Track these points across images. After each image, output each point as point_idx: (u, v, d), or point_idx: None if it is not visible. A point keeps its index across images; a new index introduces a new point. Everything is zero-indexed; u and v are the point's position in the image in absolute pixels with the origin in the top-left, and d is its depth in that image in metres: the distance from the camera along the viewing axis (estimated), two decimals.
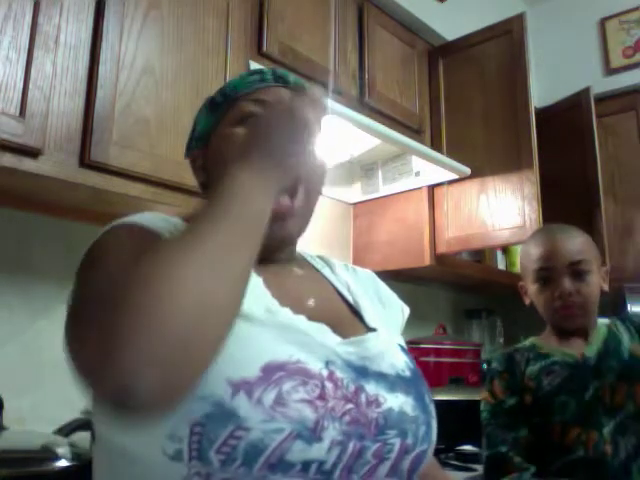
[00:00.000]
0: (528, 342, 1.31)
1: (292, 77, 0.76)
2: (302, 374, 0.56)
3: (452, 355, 2.23)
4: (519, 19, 2.08)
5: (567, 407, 1.17)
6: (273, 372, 0.55)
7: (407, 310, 0.86)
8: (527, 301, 1.30)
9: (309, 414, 0.54)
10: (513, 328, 2.69)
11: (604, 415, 1.15)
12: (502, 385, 1.24)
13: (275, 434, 0.52)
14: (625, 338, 1.22)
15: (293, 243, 0.75)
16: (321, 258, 0.83)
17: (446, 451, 1.66)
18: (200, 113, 0.79)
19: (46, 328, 1.34)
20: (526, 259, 1.28)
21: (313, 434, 0.54)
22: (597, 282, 1.23)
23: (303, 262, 0.80)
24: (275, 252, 0.73)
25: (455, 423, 1.45)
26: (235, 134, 0.70)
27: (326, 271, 0.80)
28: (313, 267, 0.80)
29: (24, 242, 1.39)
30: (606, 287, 1.26)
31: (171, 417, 0.53)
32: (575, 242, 1.22)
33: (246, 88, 0.73)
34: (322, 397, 0.56)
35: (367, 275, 0.86)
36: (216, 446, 0.51)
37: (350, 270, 0.84)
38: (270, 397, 0.53)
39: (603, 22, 2.86)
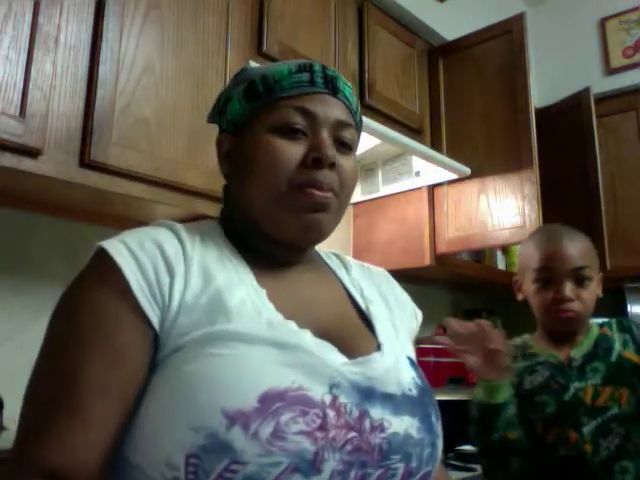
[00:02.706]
0: (521, 339, 1.32)
1: (341, 81, 0.71)
2: (302, 403, 0.54)
3: (452, 355, 2.23)
4: (519, 19, 2.08)
5: (546, 406, 1.19)
6: (271, 402, 0.52)
7: (420, 314, 0.84)
8: (520, 297, 1.30)
9: (308, 446, 0.52)
10: (513, 328, 2.68)
11: (584, 415, 1.16)
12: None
13: (272, 468, 0.50)
14: (617, 343, 1.22)
15: (321, 240, 0.72)
16: (337, 257, 0.81)
17: (446, 451, 1.66)
18: (235, 88, 0.72)
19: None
20: (527, 257, 1.27)
21: (312, 467, 0.52)
22: (595, 289, 1.23)
23: (318, 262, 0.77)
24: (298, 254, 0.72)
25: (455, 423, 1.45)
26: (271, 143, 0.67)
27: (341, 273, 0.78)
28: (328, 267, 0.78)
29: (24, 242, 1.39)
30: (600, 293, 1.26)
31: (166, 445, 0.52)
32: (580, 247, 1.21)
33: (293, 89, 0.67)
34: (323, 427, 0.54)
35: (381, 275, 0.84)
36: (212, 478, 0.50)
37: (365, 270, 0.82)
38: (267, 430, 0.51)
39: (603, 22, 2.86)
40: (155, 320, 0.58)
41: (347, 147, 0.71)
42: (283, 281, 0.68)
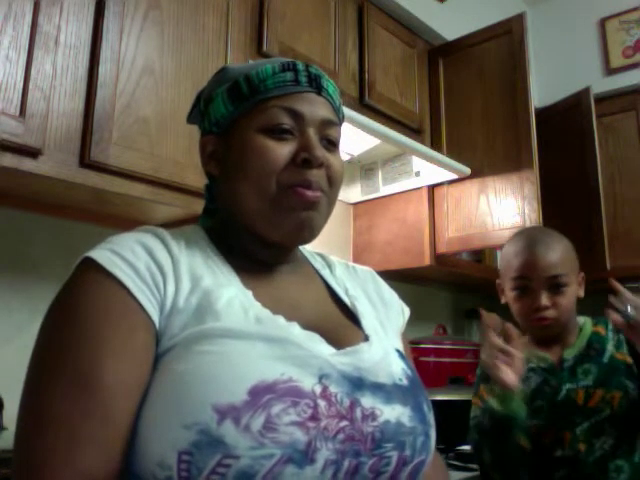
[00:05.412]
0: None
1: (325, 79, 0.71)
2: (293, 394, 0.54)
3: (452, 355, 2.23)
4: (519, 19, 2.08)
5: (541, 411, 1.20)
6: (261, 395, 0.52)
7: (407, 311, 0.84)
8: (503, 300, 1.31)
9: (300, 437, 0.52)
10: None
11: (577, 416, 1.17)
12: (487, 388, 1.25)
13: (265, 460, 0.50)
14: (610, 343, 1.22)
15: (312, 240, 0.71)
16: (321, 257, 0.82)
17: (446, 451, 1.66)
18: (217, 88, 0.72)
19: None
20: (505, 264, 1.28)
21: (305, 457, 0.52)
22: (574, 292, 1.23)
23: (303, 262, 0.78)
24: (285, 254, 0.72)
25: (455, 423, 1.45)
26: (260, 143, 0.67)
27: (325, 272, 0.78)
28: (312, 267, 0.79)
29: (24, 242, 1.39)
30: (582, 293, 1.26)
31: (158, 445, 0.52)
32: (554, 254, 1.21)
33: (278, 89, 0.67)
34: (314, 417, 0.54)
35: (367, 274, 0.84)
36: (205, 474, 0.50)
37: (350, 269, 0.82)
38: (259, 422, 0.51)
39: (603, 22, 2.86)
40: (156, 319, 0.58)
41: (333, 144, 0.71)
42: (268, 283, 0.69)
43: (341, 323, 0.71)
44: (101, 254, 0.58)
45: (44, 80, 1.11)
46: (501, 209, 2.03)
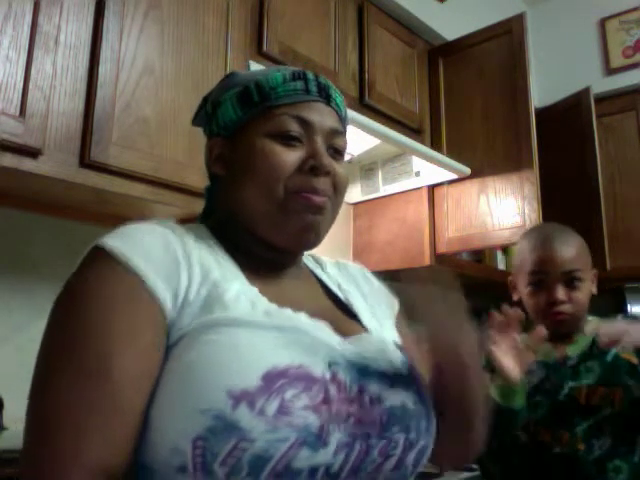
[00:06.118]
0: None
1: (333, 89, 0.73)
2: (304, 379, 0.55)
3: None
4: (519, 19, 2.08)
5: (540, 407, 1.19)
6: (274, 380, 0.53)
7: (397, 303, 0.85)
8: (515, 297, 1.31)
9: (314, 420, 0.54)
10: None
11: (578, 415, 1.16)
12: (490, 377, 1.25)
13: (280, 443, 0.51)
14: None
15: (316, 245, 0.72)
16: (313, 257, 0.83)
17: None
18: (225, 93, 0.72)
19: None
20: (520, 259, 1.28)
21: (319, 440, 0.54)
22: (588, 288, 1.23)
23: (302, 266, 0.79)
24: (290, 258, 0.73)
25: None
26: (269, 148, 0.67)
27: (318, 271, 0.80)
28: (306, 267, 0.80)
29: (24, 242, 1.39)
30: (595, 290, 1.26)
31: (170, 432, 0.52)
32: (571, 249, 1.21)
33: (288, 97, 0.69)
34: (326, 401, 0.55)
35: (357, 270, 0.86)
36: (220, 459, 0.51)
37: (341, 267, 0.84)
38: (273, 407, 0.52)
39: (603, 22, 2.86)
40: (168, 308, 0.57)
41: (339, 154, 0.72)
42: (272, 282, 0.70)
43: (340, 317, 0.73)
44: (112, 242, 0.58)
45: (44, 80, 1.11)
46: (501, 209, 2.03)
